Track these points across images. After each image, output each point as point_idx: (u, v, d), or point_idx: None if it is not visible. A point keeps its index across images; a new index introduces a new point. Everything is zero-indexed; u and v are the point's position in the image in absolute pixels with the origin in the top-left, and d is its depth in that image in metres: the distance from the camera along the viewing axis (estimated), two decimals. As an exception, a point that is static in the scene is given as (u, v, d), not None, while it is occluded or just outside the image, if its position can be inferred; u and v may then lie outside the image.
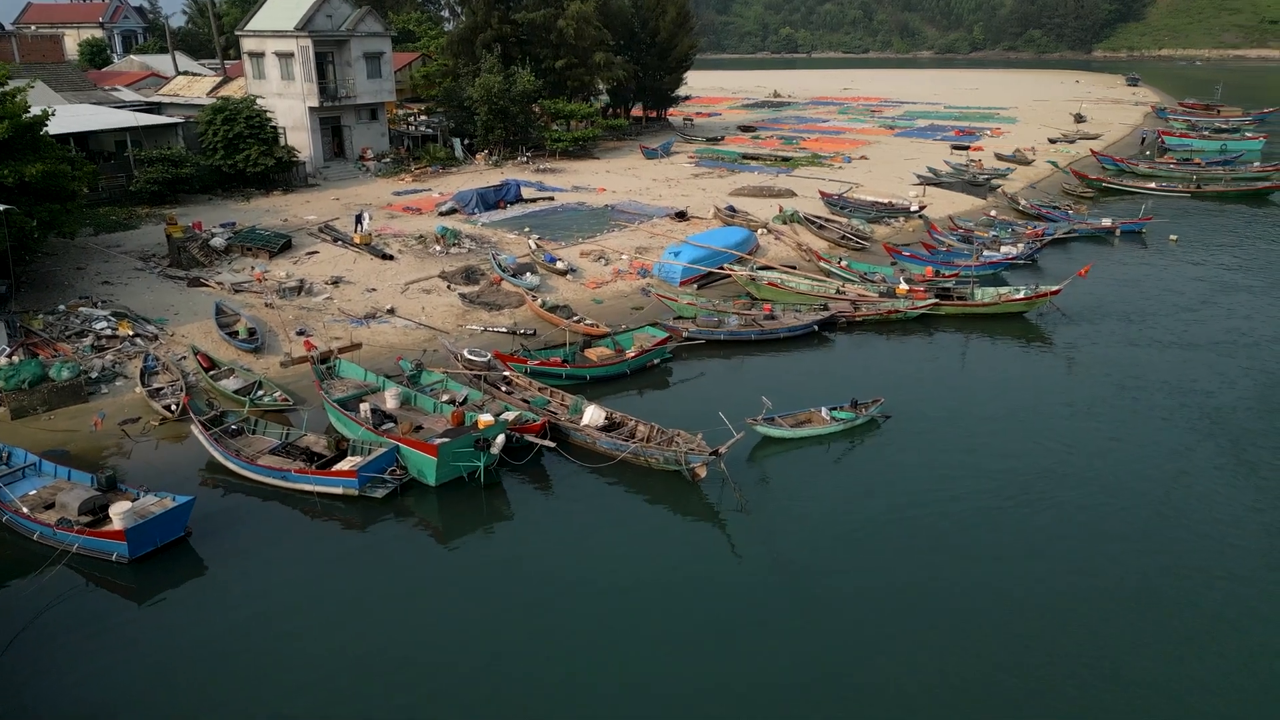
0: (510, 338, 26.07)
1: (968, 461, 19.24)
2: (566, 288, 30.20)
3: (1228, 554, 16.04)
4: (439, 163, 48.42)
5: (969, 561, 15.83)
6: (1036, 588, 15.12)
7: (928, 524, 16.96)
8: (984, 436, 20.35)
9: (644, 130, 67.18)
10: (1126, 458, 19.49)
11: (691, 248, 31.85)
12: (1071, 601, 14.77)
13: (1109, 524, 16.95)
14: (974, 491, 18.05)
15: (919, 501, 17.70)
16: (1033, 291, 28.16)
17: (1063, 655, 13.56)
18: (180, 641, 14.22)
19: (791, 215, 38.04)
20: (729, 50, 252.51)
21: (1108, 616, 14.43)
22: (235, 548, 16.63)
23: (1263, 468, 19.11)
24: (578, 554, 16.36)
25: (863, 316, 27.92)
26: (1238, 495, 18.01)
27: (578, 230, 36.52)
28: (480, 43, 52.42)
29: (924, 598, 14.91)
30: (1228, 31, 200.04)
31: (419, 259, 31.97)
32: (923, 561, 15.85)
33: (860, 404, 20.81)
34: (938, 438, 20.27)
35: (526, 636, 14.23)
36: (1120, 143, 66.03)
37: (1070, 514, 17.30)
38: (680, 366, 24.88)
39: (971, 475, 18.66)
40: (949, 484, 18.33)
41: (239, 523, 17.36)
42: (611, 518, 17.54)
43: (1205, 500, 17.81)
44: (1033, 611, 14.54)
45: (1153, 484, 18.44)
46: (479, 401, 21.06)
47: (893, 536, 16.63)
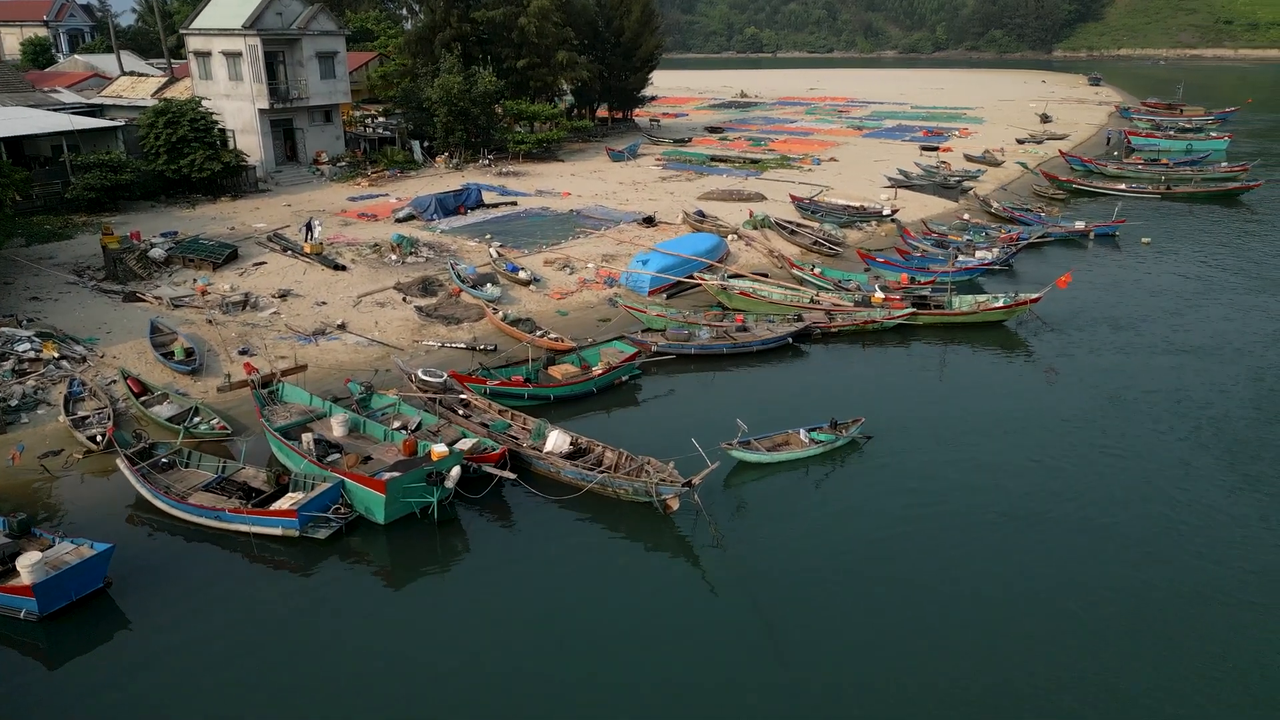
0: (469, 354, 24.63)
1: (956, 484, 18.19)
2: (530, 299, 28.79)
3: (1240, 576, 15.10)
4: (397, 166, 46.68)
5: (958, 599, 14.73)
6: (1033, 621, 14.06)
7: (913, 558, 15.84)
8: (971, 456, 19.33)
9: (610, 131, 65.83)
10: (1124, 474, 18.55)
11: (660, 256, 30.61)
12: (1074, 636, 13.73)
13: (1110, 548, 15.96)
14: (963, 518, 16.99)
15: (904, 532, 16.59)
16: (1012, 300, 27.29)
17: (1066, 694, 12.50)
18: (97, 707, 12.71)
19: (762, 220, 36.95)
20: (694, 50, 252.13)
21: (1112, 647, 13.41)
22: (161, 599, 15.07)
23: (1267, 480, 18.27)
24: (540, 596, 15.04)
25: (838, 327, 26.85)
26: (1244, 510, 17.14)
27: (541, 237, 35.11)
28: (439, 42, 50.74)
29: (911, 640, 13.78)
30: (1184, 31, 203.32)
31: (373, 269, 30.37)
32: (908, 600, 14.72)
33: (840, 424, 19.69)
34: (922, 459, 19.20)
35: (485, 686, 12.92)
36: (1087, 143, 65.96)
37: (1067, 538, 16.29)
38: (649, 383, 23.62)
39: (960, 500, 17.60)
40: (936, 511, 17.25)
41: (166, 570, 15.78)
42: (577, 555, 16.22)
43: (1210, 517, 16.90)
44: (1032, 648, 13.47)
45: (1154, 502, 17.51)
46: (434, 427, 19.63)
47: (876, 572, 15.49)
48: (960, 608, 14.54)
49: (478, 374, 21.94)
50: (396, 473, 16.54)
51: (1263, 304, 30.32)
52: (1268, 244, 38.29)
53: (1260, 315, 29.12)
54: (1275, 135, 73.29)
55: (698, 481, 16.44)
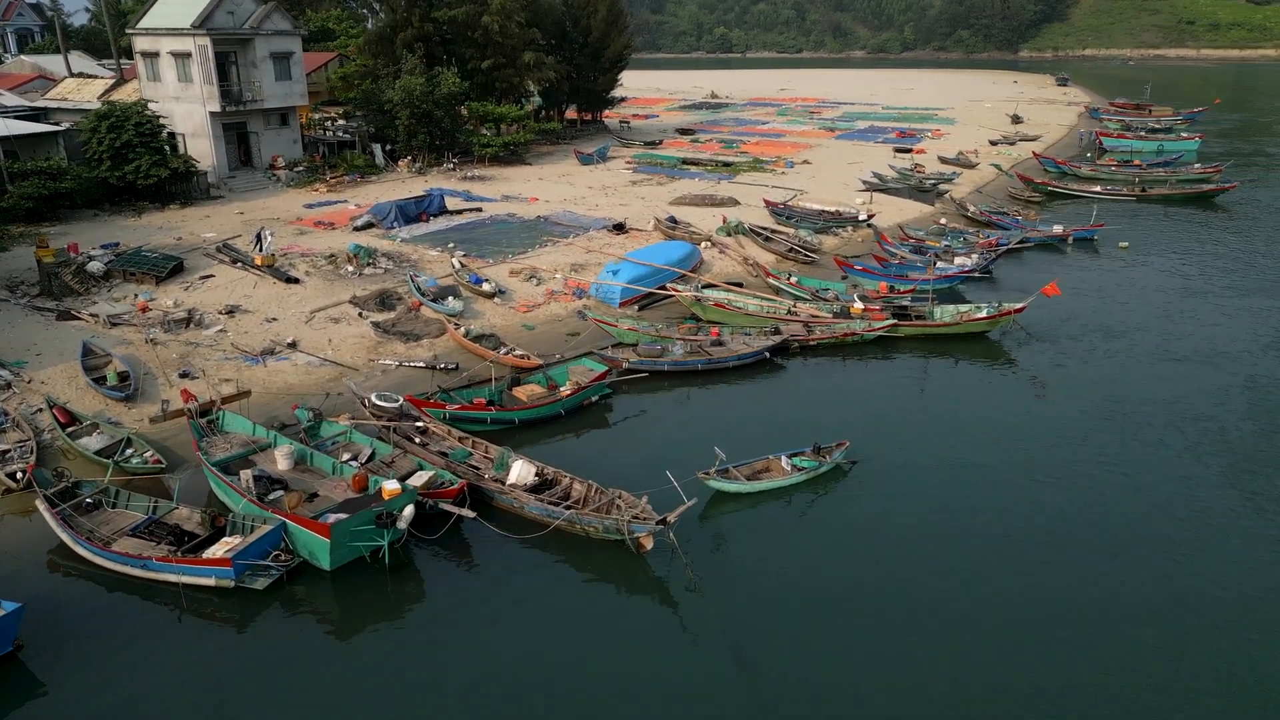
0: (429, 373, 23.18)
1: (947, 514, 17.09)
2: (494, 312, 27.38)
3: (1263, 603, 14.14)
4: (357, 171, 44.96)
5: (955, 646, 13.61)
6: (1041, 673, 12.97)
7: (904, 599, 14.70)
8: (963, 481, 18.26)
9: (579, 134, 64.44)
10: (1126, 496, 17.57)
11: (631, 265, 29.33)
12: (1084, 682, 12.66)
13: (1121, 580, 14.91)
14: (957, 553, 15.88)
15: (893, 571, 15.45)
16: (995, 310, 26.33)
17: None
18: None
19: (736, 227, 35.81)
20: (664, 50, 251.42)
21: (1123, 690, 12.36)
22: (80, 661, 13.53)
23: (1275, 495, 17.39)
24: (502, 647, 13.71)
25: (817, 340, 25.75)
26: (1262, 530, 16.19)
27: (507, 245, 33.69)
28: (401, 42, 49.06)
29: (905, 693, 12.63)
30: (1147, 31, 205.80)
31: (328, 282, 28.79)
32: (899, 648, 13.57)
33: (823, 449, 18.54)
34: (911, 487, 18.09)
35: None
36: (1059, 144, 65.65)
37: (1070, 568, 15.24)
38: (620, 402, 22.35)
39: (953, 532, 16.50)
40: (927, 545, 16.14)
41: (88, 627, 14.23)
42: (542, 601, 14.88)
43: (1225, 537, 15.94)
44: (1039, 699, 12.38)
45: (1161, 523, 16.54)
46: (388, 458, 18.20)
47: (865, 615, 14.34)
48: (958, 656, 13.42)
49: (436, 398, 20.53)
50: (343, 514, 15.11)
51: (1248, 307, 29.73)
52: (1246, 246, 37.83)
53: (1248, 319, 28.52)
54: (1244, 135, 73.64)
55: (673, 519, 15.19)
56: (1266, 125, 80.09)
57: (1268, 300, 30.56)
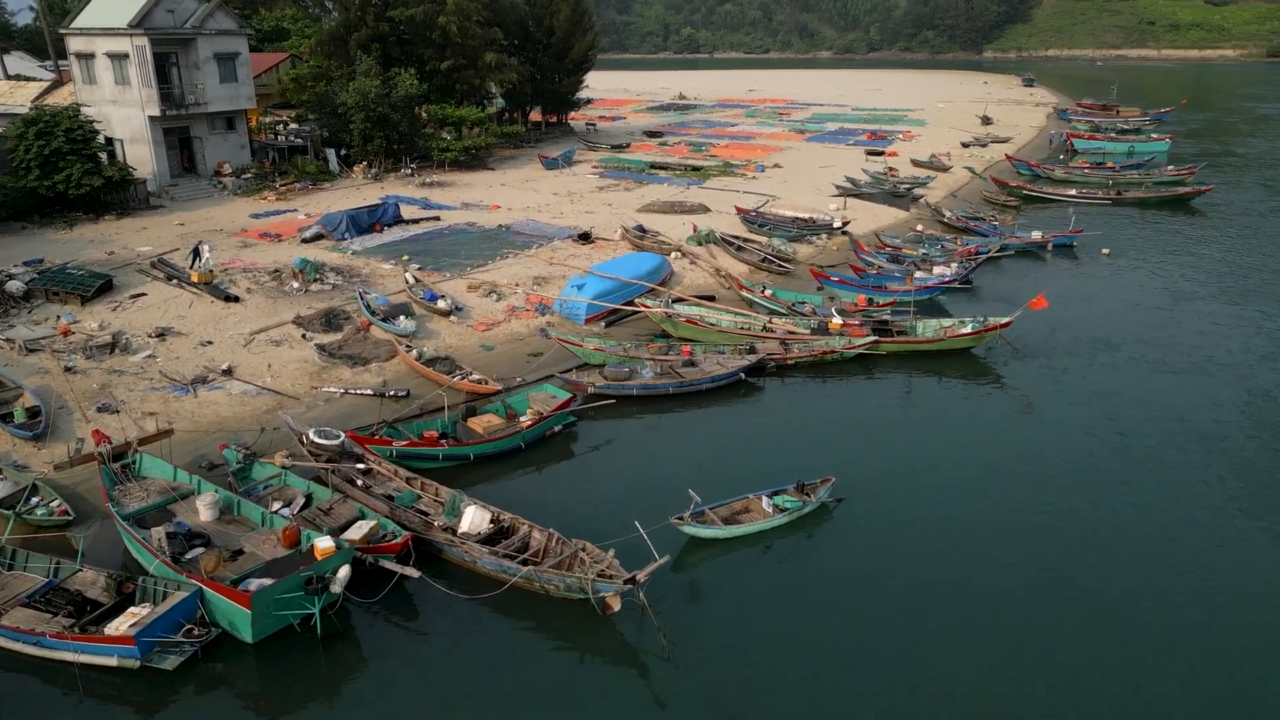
0: (377, 402, 21.33)
1: (945, 557, 15.62)
2: (450, 331, 25.55)
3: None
4: (309, 178, 42.79)
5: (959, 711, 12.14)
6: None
7: (901, 661, 13.19)
8: (959, 519, 16.80)
9: (544, 137, 62.59)
10: (1137, 530, 16.21)
11: (597, 279, 27.63)
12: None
13: (1143, 638, 13.53)
14: (957, 604, 14.41)
15: (888, 628, 13.93)
16: (981, 325, 24.99)
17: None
18: None
19: (707, 235, 34.26)
20: (631, 50, 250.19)
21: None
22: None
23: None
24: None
25: (794, 359, 24.25)
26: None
27: (466, 257, 31.83)
28: (355, 42, 46.93)
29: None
30: (1109, 32, 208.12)
31: (271, 300, 26.78)
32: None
33: (807, 487, 17.00)
34: (904, 527, 16.59)
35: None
36: (1030, 145, 65.00)
37: (1087, 619, 13.82)
38: (586, 432, 20.67)
39: (953, 580, 15.03)
40: (925, 596, 14.65)
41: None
42: (496, 674, 13.15)
43: (1254, 577, 14.64)
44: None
45: (1177, 560, 15.18)
46: (326, 504, 16.37)
47: (857, 679, 12.80)
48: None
49: (382, 433, 18.71)
50: (268, 580, 13.27)
51: (1238, 315, 28.83)
52: (1228, 251, 37.03)
53: (1240, 327, 27.63)
54: (1212, 135, 73.63)
55: (643, 578, 13.54)
56: (1233, 125, 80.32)
57: (1257, 307, 29.67)
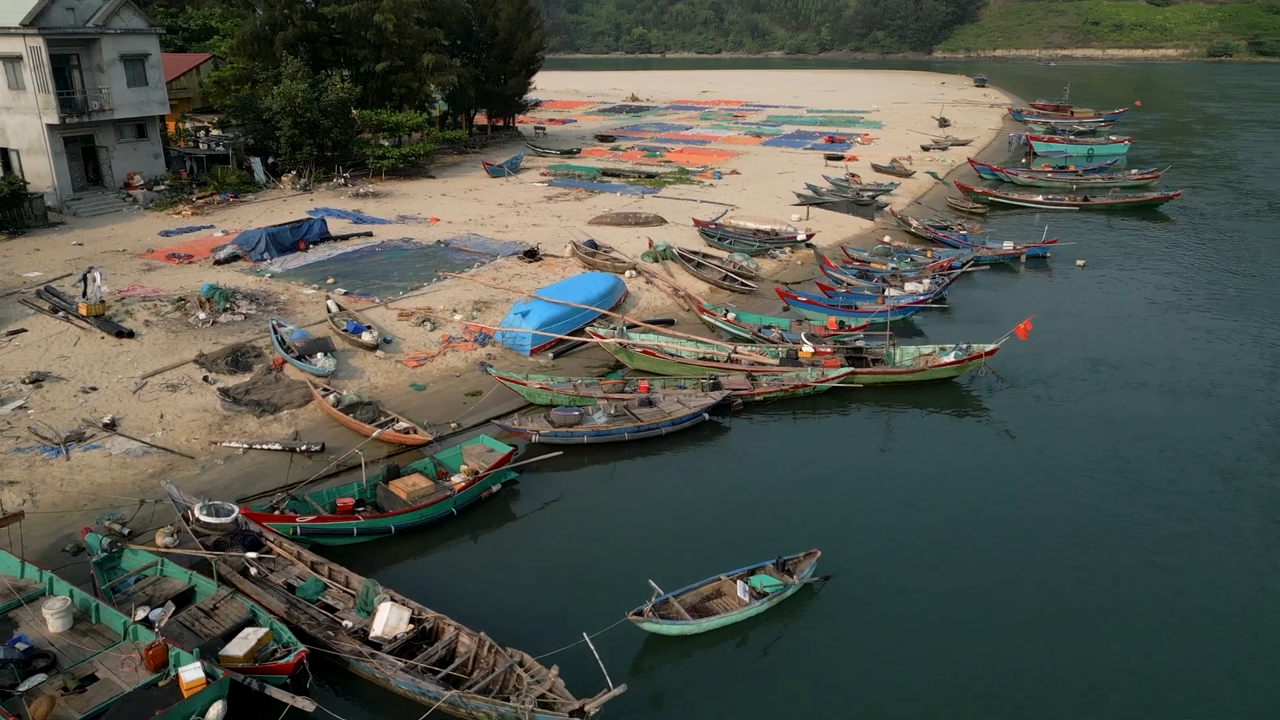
0: (287, 459, 18.40)
1: (952, 643, 13.27)
2: (376, 369, 22.65)
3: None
4: (229, 189, 39.33)
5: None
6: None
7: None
8: (963, 589, 14.50)
9: (490, 141, 59.61)
10: (1171, 604, 14.06)
11: (543, 305, 24.93)
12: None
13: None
14: (972, 705, 12.07)
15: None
16: (965, 353, 22.82)
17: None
18: None
19: (664, 251, 31.75)
20: (582, 50, 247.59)
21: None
22: None
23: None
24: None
25: (763, 394, 21.83)
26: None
27: (399, 279, 28.89)
28: (280, 42, 43.50)
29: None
30: (1055, 33, 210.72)
31: (172, 335, 23.60)
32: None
33: (788, 564, 14.56)
34: (901, 607, 14.22)
35: None
36: (989, 148, 63.77)
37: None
38: (529, 489, 18.01)
39: (963, 672, 12.68)
40: (933, 698, 12.28)
41: None
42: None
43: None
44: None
45: (1222, 648, 13.03)
46: (209, 602, 13.48)
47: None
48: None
49: (284, 506, 15.81)
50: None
51: (1227, 327, 27.46)
52: (1203, 258, 35.66)
53: (1233, 341, 26.32)
54: (1167, 136, 73.33)
55: (593, 709, 10.96)
56: (1186, 126, 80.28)
57: (1243, 318, 28.34)
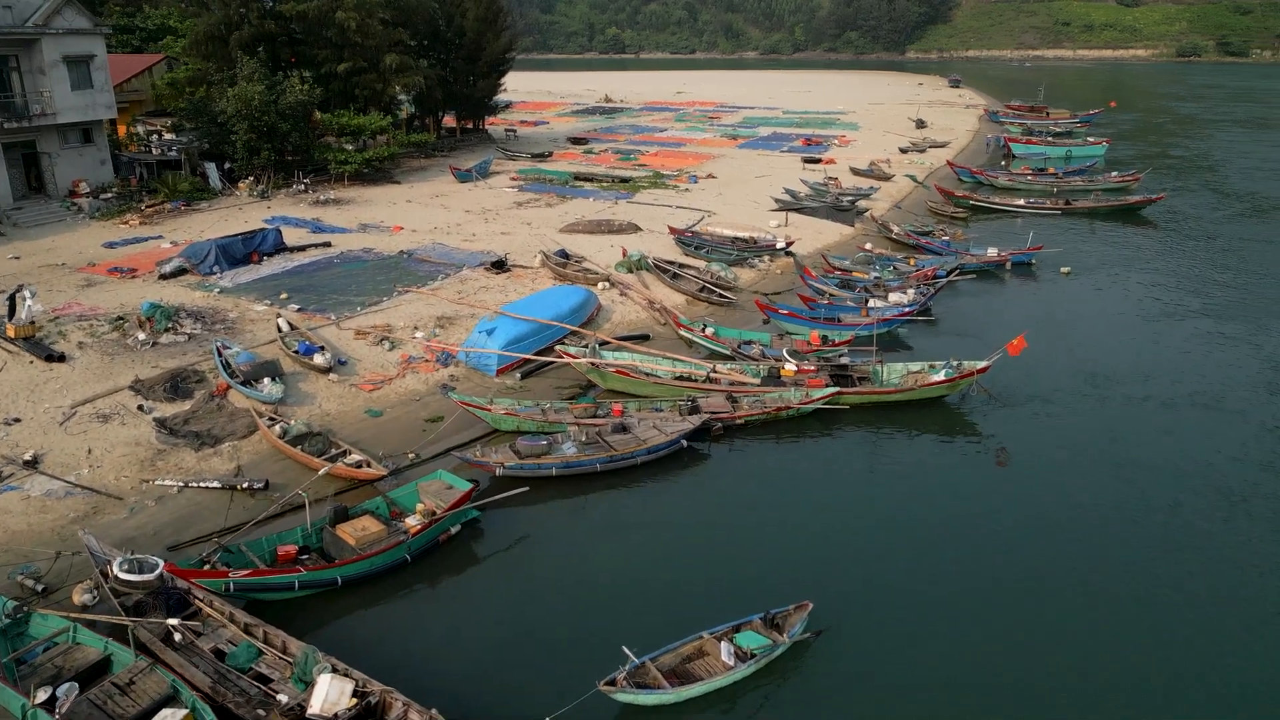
0: (227, 497, 16.82)
1: (964, 711, 12.01)
2: (329, 394, 21.05)
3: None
4: (182, 197, 37.44)
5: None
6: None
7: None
8: (974, 648, 13.23)
9: (459, 144, 57.90)
10: (1198, 652, 12.90)
11: (510, 322, 23.44)
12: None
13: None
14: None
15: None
16: (956, 371, 21.64)
17: None
18: None
19: (638, 261, 30.36)
20: (556, 50, 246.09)
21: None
22: None
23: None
24: None
25: (744, 417, 20.52)
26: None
27: (357, 293, 27.28)
28: (236, 42, 41.60)
29: None
30: (1026, 33, 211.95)
31: (108, 359, 21.87)
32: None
33: (777, 618, 13.21)
34: (906, 667, 12.92)
35: None
36: (967, 150, 63.05)
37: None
38: (492, 529, 16.57)
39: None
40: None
41: None
42: None
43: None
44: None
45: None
46: (125, 675, 11.91)
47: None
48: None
49: (216, 560, 14.24)
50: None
51: (1221, 335, 26.74)
52: (1190, 263, 34.88)
53: (1229, 350, 25.60)
54: (1143, 137, 73.07)
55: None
56: (1161, 126, 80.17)
57: (1236, 325, 27.65)
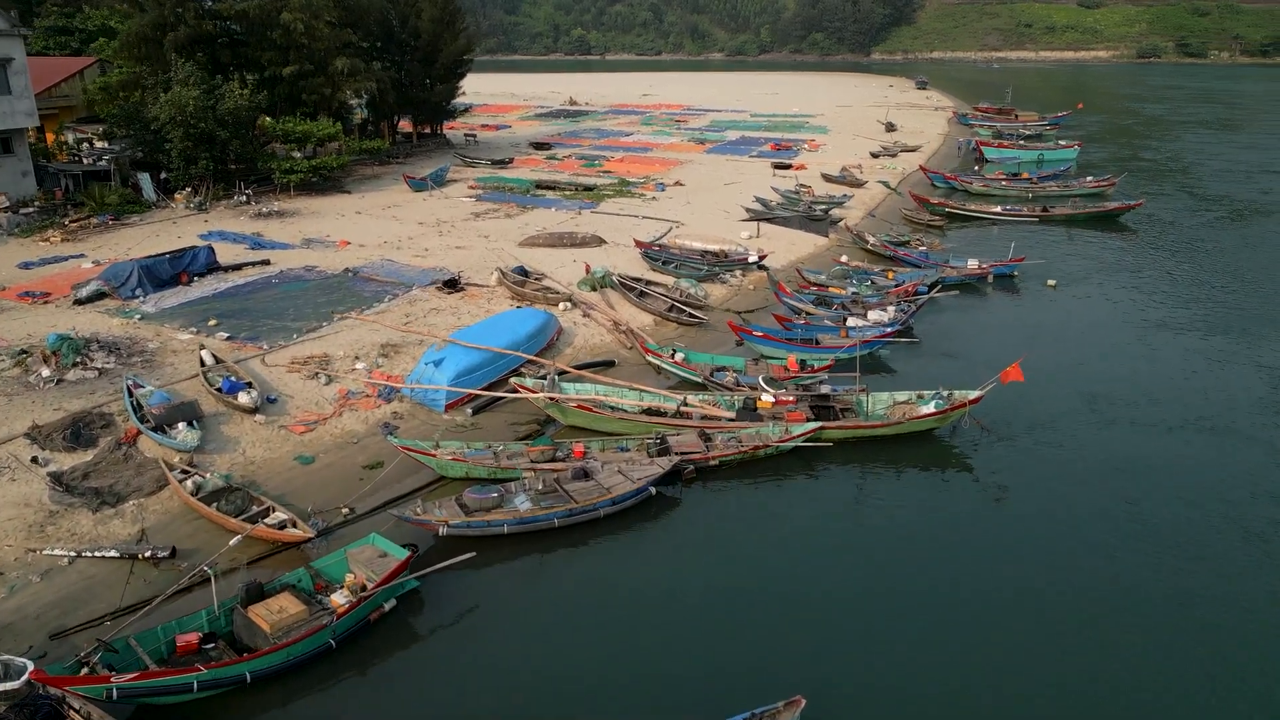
0: (127, 569, 14.59)
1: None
2: (254, 437, 18.83)
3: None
4: (110, 211, 34.81)
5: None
6: None
7: None
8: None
9: (415, 150, 55.56)
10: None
11: (460, 351, 21.33)
12: None
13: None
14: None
15: None
16: (946, 402, 19.93)
17: None
18: None
19: (603, 278, 28.40)
20: (521, 51, 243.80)
21: None
22: None
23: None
24: None
25: (719, 457, 18.64)
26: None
27: (295, 317, 25.04)
28: (170, 44, 38.99)
29: None
30: (990, 35, 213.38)
31: (5, 399, 19.46)
32: None
33: (764, 718, 11.31)
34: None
35: None
36: (939, 154, 61.90)
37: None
38: (433, 601, 14.53)
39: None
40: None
41: None
42: None
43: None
44: None
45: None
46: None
47: None
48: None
49: (97, 661, 12.02)
50: None
51: (1222, 350, 25.67)
52: (1179, 272, 33.71)
53: (1232, 367, 24.38)
54: (1113, 139, 72.57)
55: None
56: (1129, 128, 79.82)
57: (1236, 338, 26.56)
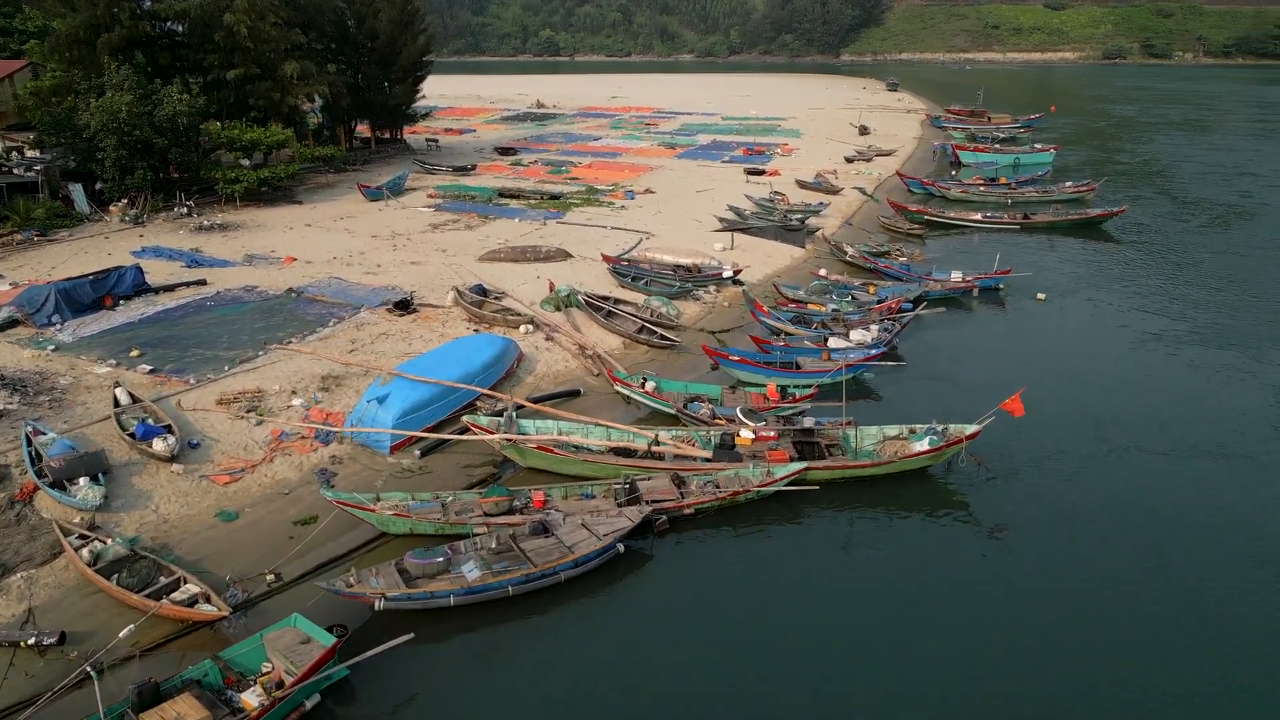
0: (5, 661, 12.45)
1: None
2: (171, 490, 16.68)
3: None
4: (36, 225, 32.29)
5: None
6: None
7: None
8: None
9: (373, 157, 53.23)
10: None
11: (408, 386, 19.31)
12: None
13: None
14: None
15: None
16: (941, 438, 18.27)
17: None
18: None
19: (567, 297, 26.48)
20: (489, 52, 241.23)
21: None
22: None
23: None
24: None
25: (694, 505, 16.82)
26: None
27: (230, 345, 22.85)
28: (104, 46, 36.48)
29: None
30: (957, 36, 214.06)
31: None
32: None
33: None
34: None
35: None
36: (914, 158, 60.62)
37: None
38: (366, 692, 12.59)
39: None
40: None
41: None
42: None
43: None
44: None
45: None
46: None
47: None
48: None
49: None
50: None
51: (1227, 367, 24.32)
52: (1170, 282, 32.37)
53: (1240, 385, 23.04)
54: (1086, 141, 71.81)
55: None
56: (1102, 130, 79.24)
57: (1238, 352, 25.23)
